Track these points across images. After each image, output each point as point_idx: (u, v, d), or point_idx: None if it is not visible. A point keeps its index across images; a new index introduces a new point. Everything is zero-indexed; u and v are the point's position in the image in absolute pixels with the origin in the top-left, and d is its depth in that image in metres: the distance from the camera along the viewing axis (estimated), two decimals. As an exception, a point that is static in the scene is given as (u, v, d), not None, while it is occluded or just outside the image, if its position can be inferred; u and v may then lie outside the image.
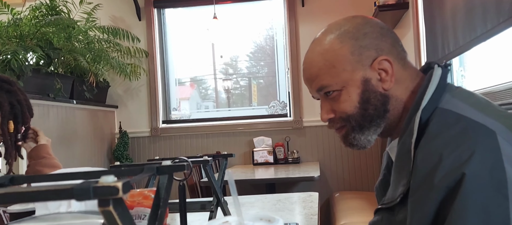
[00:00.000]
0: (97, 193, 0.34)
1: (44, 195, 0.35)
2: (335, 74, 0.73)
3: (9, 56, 1.76)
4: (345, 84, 0.73)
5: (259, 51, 3.51)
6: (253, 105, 3.44)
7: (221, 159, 1.13)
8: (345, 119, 0.74)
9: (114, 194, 0.34)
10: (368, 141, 0.76)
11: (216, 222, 0.44)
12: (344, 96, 0.73)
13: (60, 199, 0.36)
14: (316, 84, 0.75)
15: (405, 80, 0.74)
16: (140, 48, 3.14)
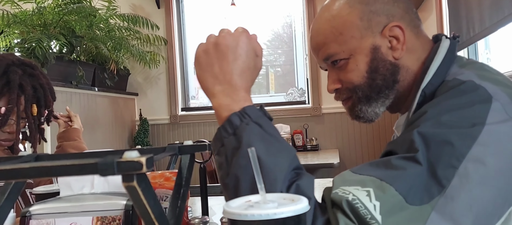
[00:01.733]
0: (121, 168, 0.34)
1: (69, 170, 0.35)
2: (342, 41, 0.68)
3: (34, 44, 1.80)
4: (352, 52, 0.68)
5: (277, 39, 3.48)
6: (271, 94, 3.43)
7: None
8: (352, 90, 0.70)
9: (138, 169, 0.34)
10: (375, 113, 0.71)
11: (238, 200, 0.43)
12: (351, 65, 0.69)
13: (84, 174, 0.36)
14: (322, 53, 0.71)
15: (417, 50, 0.69)
16: (159, 36, 3.16)
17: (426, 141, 0.51)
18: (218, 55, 0.59)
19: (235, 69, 0.58)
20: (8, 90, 0.91)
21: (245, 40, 0.60)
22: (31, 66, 0.99)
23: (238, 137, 0.54)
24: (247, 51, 0.60)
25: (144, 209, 0.37)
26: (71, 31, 2.13)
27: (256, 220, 0.36)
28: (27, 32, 1.97)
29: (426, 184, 0.49)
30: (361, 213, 0.47)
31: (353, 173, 0.53)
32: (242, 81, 0.59)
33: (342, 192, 0.50)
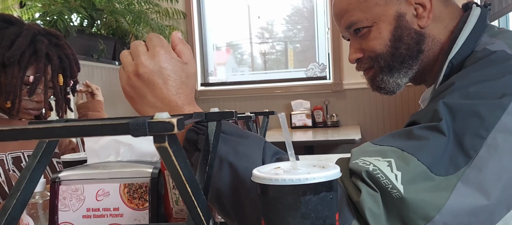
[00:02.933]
0: (152, 128, 0.33)
1: (101, 129, 0.35)
2: (366, 8, 0.66)
3: (56, 17, 1.81)
4: (376, 19, 0.66)
5: (296, 14, 3.41)
6: (289, 69, 3.39)
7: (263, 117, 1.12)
8: (374, 59, 0.68)
9: (169, 130, 0.33)
10: (397, 84, 0.69)
11: (267, 167, 0.42)
12: (374, 33, 0.66)
13: (116, 133, 0.35)
14: (345, 21, 0.69)
15: (445, 18, 0.66)
16: (178, 9, 3.13)
17: (452, 111, 0.49)
18: (145, 85, 0.54)
19: (169, 91, 0.54)
20: (36, 60, 0.92)
21: (165, 57, 0.54)
22: (57, 36, 0.99)
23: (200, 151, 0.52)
24: (173, 67, 0.54)
25: (175, 171, 0.36)
26: (91, 4, 2.13)
27: (288, 185, 0.36)
28: (49, 4, 1.99)
29: (451, 155, 0.47)
30: (382, 183, 0.46)
31: (373, 144, 0.52)
32: (181, 98, 0.56)
33: (362, 162, 0.48)
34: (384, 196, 0.46)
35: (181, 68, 0.56)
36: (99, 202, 0.68)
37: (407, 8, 0.65)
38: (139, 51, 0.54)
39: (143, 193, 0.67)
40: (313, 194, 0.35)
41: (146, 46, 0.55)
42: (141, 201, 0.68)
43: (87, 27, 2.20)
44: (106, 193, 0.68)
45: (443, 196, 0.45)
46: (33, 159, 0.50)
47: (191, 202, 0.38)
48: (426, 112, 0.52)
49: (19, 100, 0.91)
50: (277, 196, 0.37)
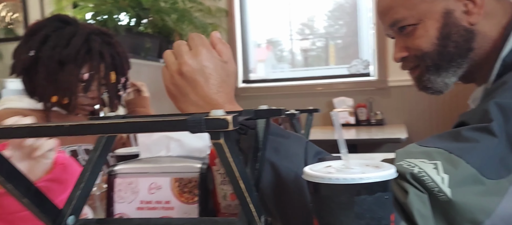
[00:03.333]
0: (209, 125, 0.34)
1: (161, 125, 0.36)
2: (411, 5, 0.63)
3: (106, 16, 1.91)
4: (422, 17, 0.63)
5: (338, 10, 3.34)
6: (330, 66, 3.34)
7: (307, 115, 1.12)
8: (420, 58, 0.66)
9: (225, 127, 0.34)
10: (445, 84, 0.66)
11: (319, 165, 0.42)
12: (420, 31, 0.64)
13: (174, 130, 0.36)
14: (389, 18, 0.66)
15: (497, 14, 0.63)
16: (221, 7, 3.17)
17: (504, 112, 0.47)
18: (188, 83, 0.55)
19: (211, 89, 0.55)
20: (90, 58, 0.97)
21: (207, 56, 0.56)
22: (109, 35, 1.04)
23: (242, 150, 0.53)
24: (215, 65, 0.56)
25: (229, 166, 0.37)
26: (138, 3, 2.22)
27: (342, 184, 0.35)
28: (100, 4, 2.09)
29: (503, 158, 0.45)
30: (428, 185, 0.45)
31: (419, 145, 0.50)
32: (222, 97, 0.57)
33: (407, 164, 0.47)
34: (431, 198, 0.45)
35: (222, 67, 0.57)
36: (152, 195, 0.71)
37: (456, 4, 0.62)
38: (182, 51, 0.56)
39: (193, 187, 0.69)
40: (367, 194, 0.35)
41: (188, 45, 0.57)
42: (191, 195, 0.70)
43: (135, 26, 2.29)
44: (158, 186, 0.71)
45: (493, 200, 0.43)
46: (94, 152, 0.53)
47: (243, 198, 0.39)
48: (475, 112, 0.50)
49: (75, 97, 0.96)
50: (330, 195, 0.36)
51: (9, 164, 0.40)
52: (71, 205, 0.48)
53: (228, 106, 0.57)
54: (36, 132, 0.40)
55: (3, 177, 0.40)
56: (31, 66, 0.94)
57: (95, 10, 2.09)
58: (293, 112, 0.91)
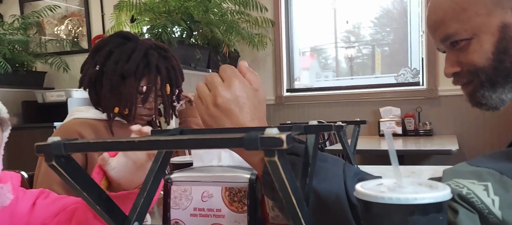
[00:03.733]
0: (264, 143, 0.36)
1: (217, 142, 0.39)
2: (465, 19, 0.61)
3: (160, 30, 2.02)
4: (477, 31, 0.60)
5: (385, 16, 3.26)
6: (377, 74, 3.25)
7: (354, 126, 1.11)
8: (473, 73, 0.63)
9: (279, 145, 0.36)
10: (501, 100, 0.63)
11: (369, 183, 0.43)
12: (474, 45, 0.61)
13: (231, 146, 0.39)
14: (441, 33, 0.64)
15: None
16: (267, 17, 3.23)
17: None
18: (224, 113, 0.57)
19: (245, 118, 0.57)
20: (148, 71, 1.05)
21: (240, 86, 0.58)
22: (165, 50, 1.11)
23: None
24: (247, 94, 0.58)
25: (283, 183, 0.39)
26: (190, 16, 2.32)
27: (395, 204, 0.35)
28: (155, 19, 2.22)
29: None
30: (477, 207, 0.43)
31: (469, 165, 0.49)
32: (256, 123, 0.58)
33: (455, 184, 0.46)
34: (481, 219, 0.44)
35: (254, 95, 0.60)
36: (204, 202, 0.75)
37: None
38: (215, 82, 0.58)
39: (242, 197, 0.72)
40: (421, 215, 0.34)
41: (220, 77, 0.60)
42: (241, 204, 0.73)
43: (186, 38, 2.40)
44: (210, 195, 0.75)
45: None
46: (155, 163, 0.57)
47: (295, 213, 0.41)
48: None
49: (135, 108, 1.04)
50: (381, 214, 0.36)
51: (84, 174, 0.45)
52: (136, 212, 0.52)
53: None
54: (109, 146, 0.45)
55: (79, 186, 0.45)
56: (96, 79, 1.03)
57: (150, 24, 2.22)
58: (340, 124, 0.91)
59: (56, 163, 0.41)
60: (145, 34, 2.22)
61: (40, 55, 3.35)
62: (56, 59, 3.33)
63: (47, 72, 3.49)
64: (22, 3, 3.71)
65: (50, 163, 0.41)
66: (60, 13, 3.57)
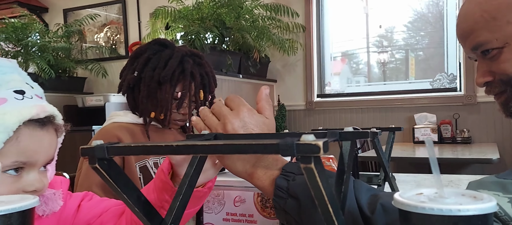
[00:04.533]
0: (300, 149, 0.36)
1: (254, 148, 0.39)
2: (495, 28, 0.59)
3: (193, 36, 2.06)
4: (508, 40, 0.58)
5: (419, 20, 3.17)
6: (410, 80, 3.16)
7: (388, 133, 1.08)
8: (506, 83, 0.60)
9: (315, 152, 0.36)
10: None
11: (409, 193, 0.41)
12: (506, 54, 0.59)
13: (267, 152, 0.39)
14: (471, 42, 0.62)
15: None
16: (298, 23, 3.22)
17: None
18: None
19: None
20: (183, 78, 1.07)
21: (248, 114, 0.59)
22: (199, 56, 1.13)
23: (293, 197, 0.53)
24: (256, 122, 0.59)
25: (319, 191, 0.39)
26: (222, 23, 2.36)
27: (437, 215, 0.34)
28: (188, 26, 2.27)
29: None
30: (501, 219, 0.43)
31: (496, 177, 0.48)
32: None
33: None
34: None
35: (263, 122, 0.60)
36: (237, 207, 0.75)
37: None
38: (224, 111, 0.60)
39: (275, 203, 0.72)
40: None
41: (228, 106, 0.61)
42: (273, 210, 0.73)
43: (218, 44, 2.44)
44: (242, 200, 0.75)
45: None
46: (190, 168, 0.58)
47: (332, 221, 0.40)
48: None
49: (170, 113, 1.06)
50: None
51: (125, 177, 0.47)
52: (172, 215, 0.53)
53: (271, 158, 0.60)
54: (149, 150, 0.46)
55: (120, 188, 0.46)
56: (134, 85, 1.07)
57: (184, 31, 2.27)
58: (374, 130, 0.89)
59: (99, 165, 0.43)
60: (179, 41, 2.28)
61: (81, 61, 3.51)
62: (95, 65, 3.48)
63: (87, 77, 3.65)
64: (66, 12, 3.91)
65: (94, 166, 0.43)
66: (100, 21, 3.74)
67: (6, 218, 0.38)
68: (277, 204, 0.56)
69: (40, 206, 0.58)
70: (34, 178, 0.54)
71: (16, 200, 0.40)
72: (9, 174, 0.52)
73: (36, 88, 0.59)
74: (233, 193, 0.75)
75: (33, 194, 0.53)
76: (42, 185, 0.55)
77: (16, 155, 0.52)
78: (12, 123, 0.50)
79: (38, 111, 0.53)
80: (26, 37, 3.03)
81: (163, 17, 2.44)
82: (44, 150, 0.55)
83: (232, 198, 0.76)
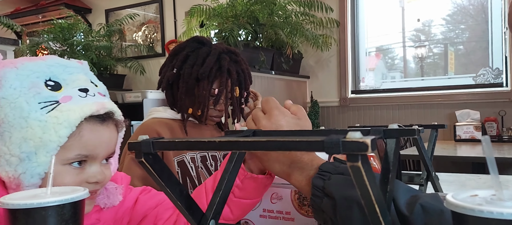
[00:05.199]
0: (346, 147, 0.35)
1: (298, 145, 0.38)
2: None
3: (227, 33, 2.08)
4: None
5: (459, 13, 3.02)
6: (449, 75, 3.02)
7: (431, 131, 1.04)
8: None
9: (363, 150, 0.34)
10: None
11: (463, 194, 0.39)
12: None
13: (311, 150, 0.38)
14: None
15: None
16: (332, 18, 3.17)
17: None
18: None
19: None
20: (220, 75, 1.08)
21: (280, 115, 0.62)
22: (235, 54, 1.14)
23: (329, 196, 0.52)
24: (287, 123, 0.61)
25: (366, 190, 0.37)
26: (255, 19, 2.36)
27: (496, 219, 0.31)
28: (222, 23, 2.29)
29: None
30: None
31: None
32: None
33: None
34: None
35: (295, 123, 0.62)
36: (273, 204, 0.75)
37: None
38: (258, 116, 0.64)
39: (313, 201, 0.71)
40: None
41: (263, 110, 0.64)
42: (310, 209, 0.71)
43: (251, 41, 2.44)
44: (279, 197, 0.75)
45: None
46: (229, 163, 0.59)
47: (378, 222, 0.39)
48: None
49: (207, 109, 1.08)
50: None
51: (168, 171, 0.47)
52: (212, 210, 0.54)
53: (306, 156, 0.60)
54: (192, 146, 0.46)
55: (163, 182, 0.47)
56: (173, 82, 1.09)
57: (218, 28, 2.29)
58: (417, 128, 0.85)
59: (144, 159, 0.44)
60: (213, 39, 2.31)
61: (121, 59, 3.66)
62: (134, 63, 3.60)
63: (126, 75, 3.78)
64: (107, 12, 4.08)
65: (140, 160, 0.44)
66: (139, 21, 3.88)
67: (59, 208, 0.41)
68: (314, 203, 0.56)
69: (102, 199, 0.62)
70: (96, 170, 0.57)
71: (68, 191, 0.42)
72: (74, 166, 0.56)
73: (100, 86, 0.64)
74: (270, 190, 0.75)
75: (95, 186, 0.57)
76: (103, 177, 0.58)
77: (78, 148, 0.55)
78: (75, 119, 0.54)
79: (98, 108, 0.56)
80: (72, 37, 3.19)
81: (198, 15, 2.47)
82: (104, 144, 0.58)
83: (269, 195, 0.75)
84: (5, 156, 0.53)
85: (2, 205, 0.40)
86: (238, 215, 0.68)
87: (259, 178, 0.65)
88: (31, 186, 0.53)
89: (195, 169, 1.06)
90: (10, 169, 0.53)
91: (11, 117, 0.53)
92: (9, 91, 0.54)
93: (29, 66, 0.56)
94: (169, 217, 0.67)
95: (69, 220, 0.41)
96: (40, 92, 0.55)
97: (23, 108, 0.53)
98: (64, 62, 0.60)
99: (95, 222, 0.61)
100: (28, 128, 0.53)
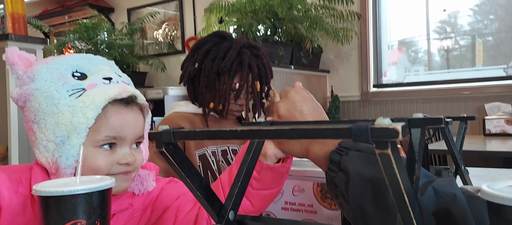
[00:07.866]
0: (375, 134, 0.33)
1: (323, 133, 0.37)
2: None
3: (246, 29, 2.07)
4: None
5: (488, 3, 2.91)
6: (477, 67, 2.91)
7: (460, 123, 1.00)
8: None
9: (393, 137, 0.33)
10: None
11: (500, 183, 0.37)
12: None
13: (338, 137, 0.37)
14: None
15: None
16: (353, 10, 3.10)
17: None
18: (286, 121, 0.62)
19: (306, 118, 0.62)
20: (241, 69, 1.07)
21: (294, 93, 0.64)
22: (256, 48, 1.13)
23: (344, 170, 0.53)
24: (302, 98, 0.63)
25: (395, 178, 0.36)
26: (274, 14, 2.34)
27: None
28: (241, 18, 2.28)
29: None
30: None
31: None
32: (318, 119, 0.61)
33: None
34: None
35: (310, 98, 0.65)
36: (295, 197, 0.74)
37: None
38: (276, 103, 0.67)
39: (336, 194, 0.69)
40: None
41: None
42: (333, 201, 0.70)
43: (270, 36, 2.42)
44: (301, 189, 0.73)
45: None
46: (247, 154, 0.58)
47: (407, 212, 0.37)
48: None
49: (228, 103, 1.07)
50: None
51: (188, 162, 0.47)
52: (231, 201, 0.53)
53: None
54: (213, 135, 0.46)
55: (184, 172, 0.47)
56: (195, 76, 1.09)
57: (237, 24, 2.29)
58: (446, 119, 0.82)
59: (165, 149, 0.43)
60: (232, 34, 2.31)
61: (142, 57, 3.73)
62: (155, 60, 3.66)
63: (147, 72, 3.84)
64: (129, 11, 4.17)
65: (161, 150, 0.44)
66: (159, 19, 3.95)
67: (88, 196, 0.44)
68: (328, 177, 0.57)
69: (137, 186, 0.66)
70: (126, 152, 0.61)
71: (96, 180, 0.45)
72: (105, 148, 0.61)
73: (123, 77, 0.68)
74: (291, 182, 0.74)
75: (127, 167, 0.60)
76: (134, 159, 0.62)
77: (107, 130, 0.60)
78: (99, 101, 0.59)
79: (121, 91, 0.61)
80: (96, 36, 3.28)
81: (217, 12, 2.48)
82: (131, 126, 0.62)
83: (291, 187, 0.74)
84: (42, 142, 0.59)
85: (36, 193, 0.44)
86: (259, 207, 0.68)
87: (276, 167, 0.66)
88: (68, 168, 0.59)
89: (216, 162, 1.06)
90: (48, 154, 0.59)
91: (44, 105, 0.59)
92: (41, 83, 0.60)
93: (58, 60, 0.63)
94: (190, 210, 0.68)
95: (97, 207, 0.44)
96: (68, 81, 0.60)
97: (53, 96, 0.59)
98: (89, 56, 0.66)
99: (128, 207, 0.65)
100: (59, 114, 0.58)
